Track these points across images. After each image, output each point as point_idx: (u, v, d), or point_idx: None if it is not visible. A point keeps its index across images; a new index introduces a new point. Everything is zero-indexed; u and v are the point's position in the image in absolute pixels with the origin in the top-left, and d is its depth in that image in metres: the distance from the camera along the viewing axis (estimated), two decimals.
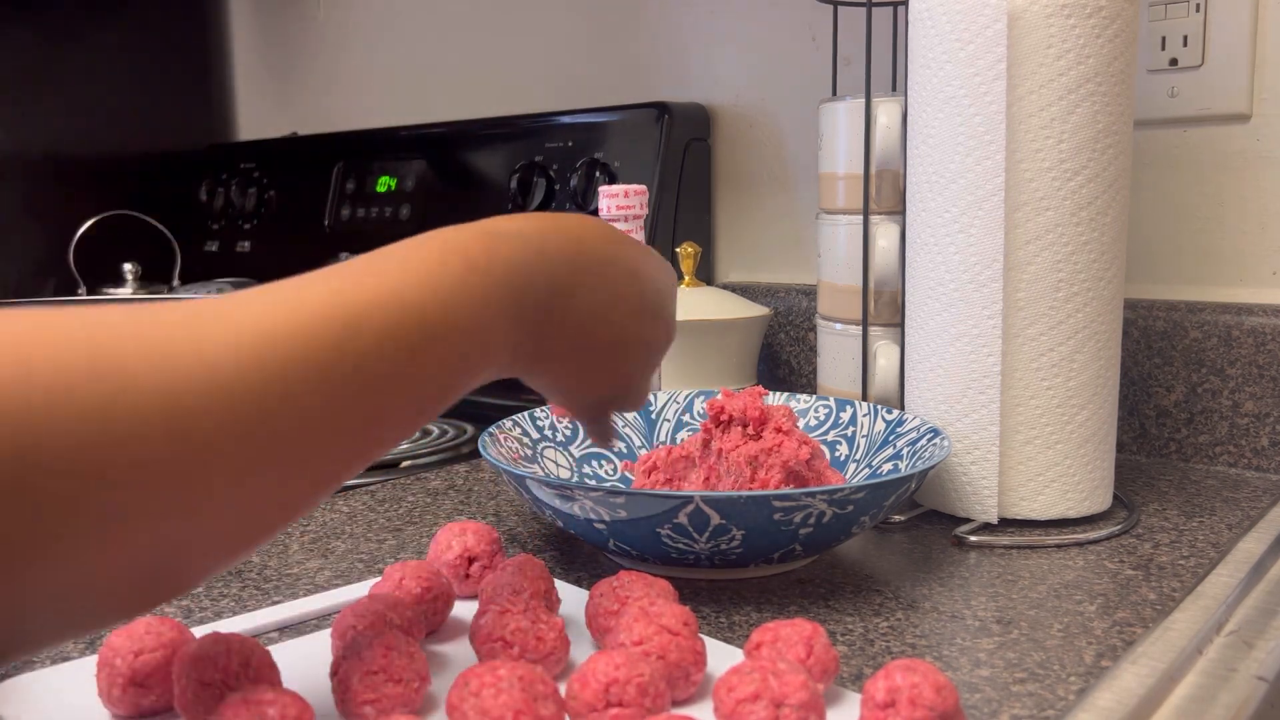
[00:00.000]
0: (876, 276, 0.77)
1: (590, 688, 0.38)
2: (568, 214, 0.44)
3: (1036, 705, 0.42)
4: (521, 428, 0.68)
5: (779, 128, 1.06)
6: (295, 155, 1.47)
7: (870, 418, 0.69)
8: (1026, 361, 0.63)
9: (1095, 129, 0.62)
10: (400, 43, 1.43)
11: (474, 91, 1.34)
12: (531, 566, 0.49)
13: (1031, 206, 0.62)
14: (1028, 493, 0.65)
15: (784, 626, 0.42)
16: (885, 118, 0.75)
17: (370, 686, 0.39)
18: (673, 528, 0.51)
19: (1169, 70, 0.81)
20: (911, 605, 0.53)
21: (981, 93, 0.61)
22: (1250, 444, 0.77)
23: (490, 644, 0.43)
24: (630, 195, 0.73)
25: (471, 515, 0.70)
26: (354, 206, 1.33)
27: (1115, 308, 0.65)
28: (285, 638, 0.50)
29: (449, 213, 1.22)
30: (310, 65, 1.58)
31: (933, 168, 0.65)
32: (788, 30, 1.03)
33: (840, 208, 0.81)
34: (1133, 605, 0.53)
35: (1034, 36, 0.61)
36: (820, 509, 0.51)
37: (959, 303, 0.64)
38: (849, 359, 0.80)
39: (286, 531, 0.66)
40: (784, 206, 1.06)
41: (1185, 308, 0.80)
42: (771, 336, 1.04)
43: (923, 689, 0.37)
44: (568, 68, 1.23)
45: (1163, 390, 0.81)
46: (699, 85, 1.11)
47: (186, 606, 0.54)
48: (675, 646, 0.41)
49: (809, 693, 0.37)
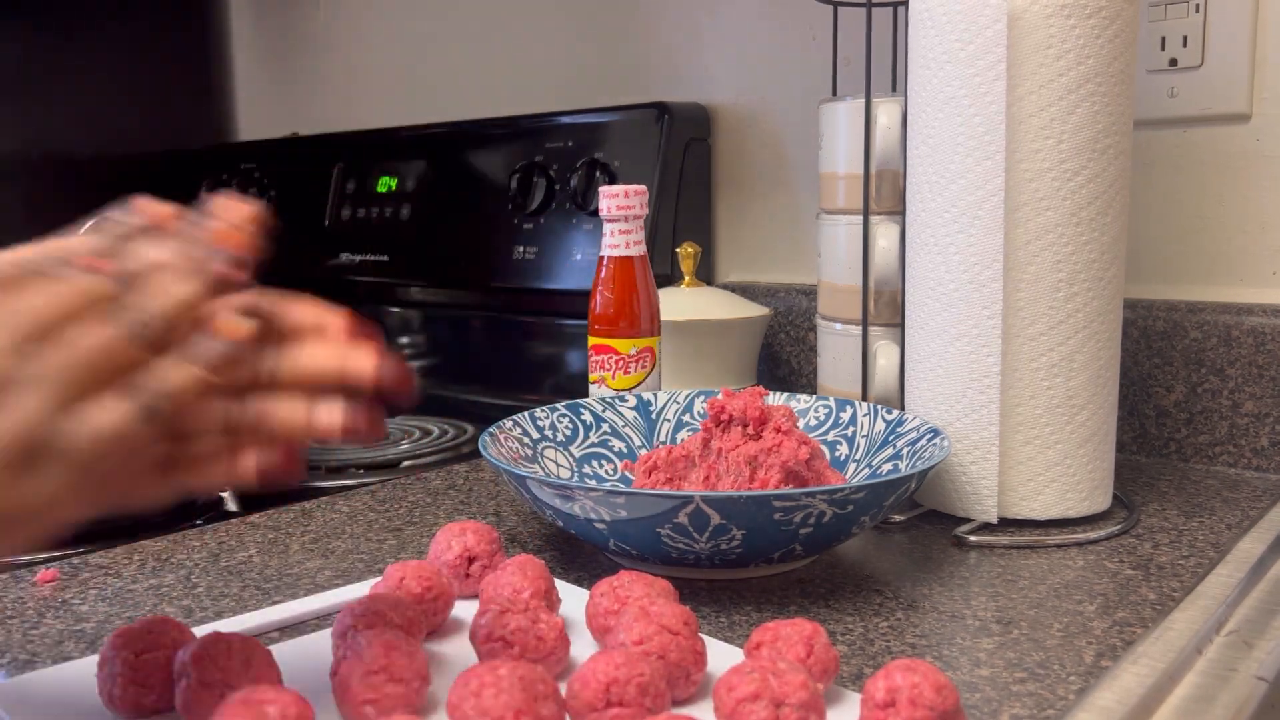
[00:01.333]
0: (876, 276, 0.77)
1: (590, 687, 0.38)
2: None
3: (1036, 705, 0.43)
4: (521, 428, 0.68)
5: (779, 128, 1.06)
6: (295, 155, 1.47)
7: (870, 418, 0.69)
8: (1026, 361, 0.64)
9: (1095, 129, 0.62)
10: (400, 43, 1.43)
11: (474, 91, 1.34)
12: (531, 566, 0.49)
13: (1031, 207, 0.62)
14: (1028, 493, 0.65)
15: (784, 626, 0.42)
16: (885, 118, 0.75)
17: (370, 686, 0.39)
18: (673, 528, 0.51)
19: (1169, 70, 0.81)
20: (911, 605, 0.53)
21: (981, 93, 0.61)
22: (1250, 444, 0.77)
23: (490, 644, 0.43)
24: (630, 195, 0.73)
25: (471, 515, 0.70)
26: (354, 206, 1.33)
27: (1115, 308, 0.65)
28: (285, 638, 0.50)
29: (449, 213, 1.22)
30: (310, 65, 1.58)
31: (933, 168, 0.65)
32: (788, 30, 1.03)
33: (840, 208, 0.81)
34: (1133, 605, 0.53)
35: (1034, 37, 0.61)
36: (820, 509, 0.51)
37: (959, 303, 0.64)
38: (849, 359, 0.80)
39: (287, 532, 0.66)
40: (784, 206, 1.06)
41: (1185, 308, 0.80)
42: (771, 336, 1.04)
43: (923, 689, 0.37)
44: (568, 68, 1.23)
45: (1163, 390, 0.81)
46: (699, 85, 1.11)
47: (187, 606, 0.54)
48: (675, 646, 0.41)
49: (809, 692, 0.37)
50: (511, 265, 1.12)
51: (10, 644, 0.50)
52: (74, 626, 0.52)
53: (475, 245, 1.17)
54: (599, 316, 0.75)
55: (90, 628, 0.52)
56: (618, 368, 0.74)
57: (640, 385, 0.75)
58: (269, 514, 0.70)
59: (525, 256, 1.12)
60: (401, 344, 1.32)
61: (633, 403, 0.73)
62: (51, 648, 0.49)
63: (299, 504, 0.72)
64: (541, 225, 1.11)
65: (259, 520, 0.69)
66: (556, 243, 1.10)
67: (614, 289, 0.74)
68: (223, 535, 0.66)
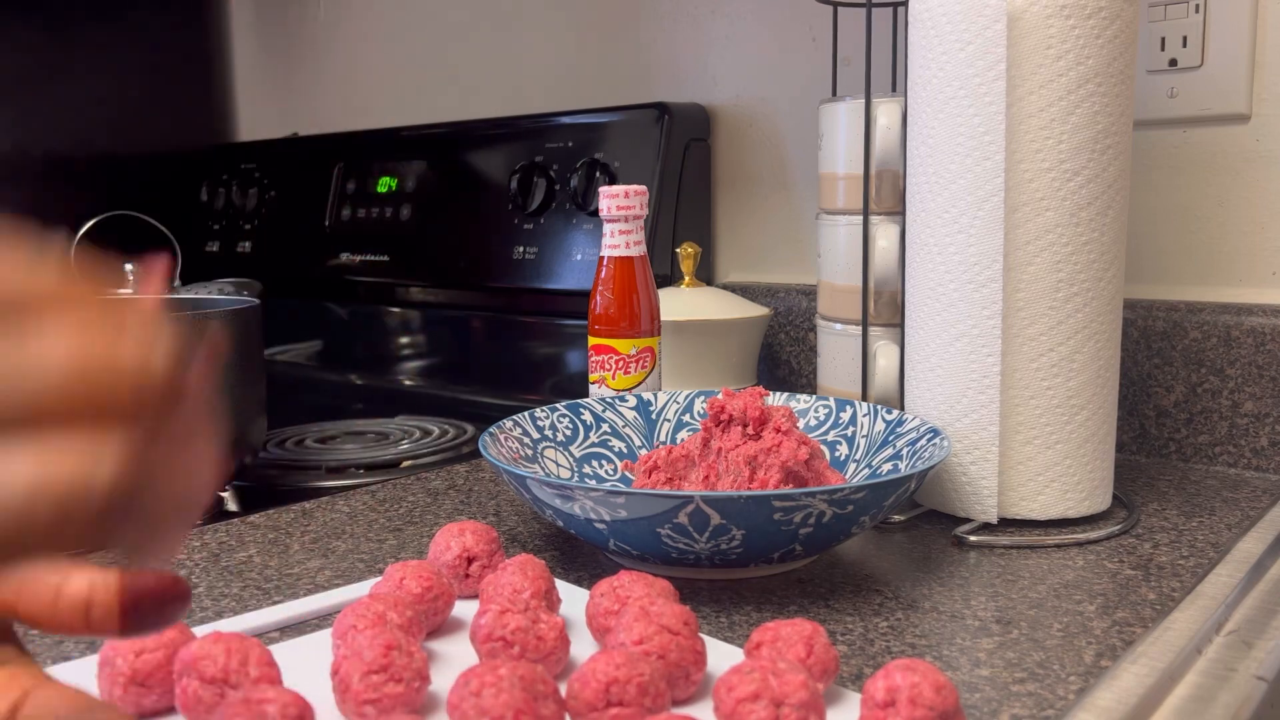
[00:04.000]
0: (876, 276, 0.77)
1: (590, 687, 0.38)
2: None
3: (1036, 705, 0.43)
4: (521, 428, 0.68)
5: (779, 128, 1.06)
6: (295, 155, 1.47)
7: (870, 418, 0.69)
8: (1026, 361, 0.64)
9: (1095, 129, 0.62)
10: (400, 43, 1.43)
11: (474, 91, 1.34)
12: (531, 566, 0.49)
13: (1031, 207, 0.62)
14: (1027, 493, 0.65)
15: (784, 626, 0.42)
16: (885, 118, 0.75)
17: (371, 686, 0.39)
18: (673, 528, 0.51)
19: (1169, 70, 0.81)
20: (911, 605, 0.53)
21: (981, 93, 0.61)
22: (1250, 444, 0.77)
23: (490, 644, 0.43)
24: (630, 195, 0.73)
25: (472, 515, 0.70)
26: (354, 207, 1.33)
27: (1115, 308, 0.65)
28: (285, 638, 0.50)
29: (449, 213, 1.22)
30: (310, 65, 1.58)
31: (933, 168, 0.65)
32: (788, 30, 1.03)
33: (840, 208, 0.81)
34: (1132, 605, 0.53)
35: (1034, 37, 0.61)
36: (820, 509, 0.51)
37: (959, 303, 0.64)
38: (849, 359, 0.80)
39: (287, 532, 0.66)
40: (784, 206, 1.06)
41: (1185, 308, 0.80)
42: (771, 336, 1.04)
43: (923, 689, 0.37)
44: (568, 68, 1.23)
45: (1162, 390, 0.81)
46: (699, 85, 1.11)
47: None
48: (675, 646, 0.41)
49: (809, 692, 0.37)
50: (511, 265, 1.12)
51: None
52: None
53: (475, 245, 1.17)
54: (599, 317, 0.75)
55: None
56: (618, 368, 0.74)
57: (640, 385, 0.75)
58: (269, 514, 0.70)
59: (525, 256, 1.12)
60: (401, 344, 1.32)
61: (633, 403, 0.73)
62: (51, 648, 0.49)
63: (299, 504, 0.72)
64: (541, 225, 1.11)
65: (259, 520, 0.69)
66: (556, 243, 1.10)
67: (614, 289, 0.74)
68: (223, 535, 0.66)
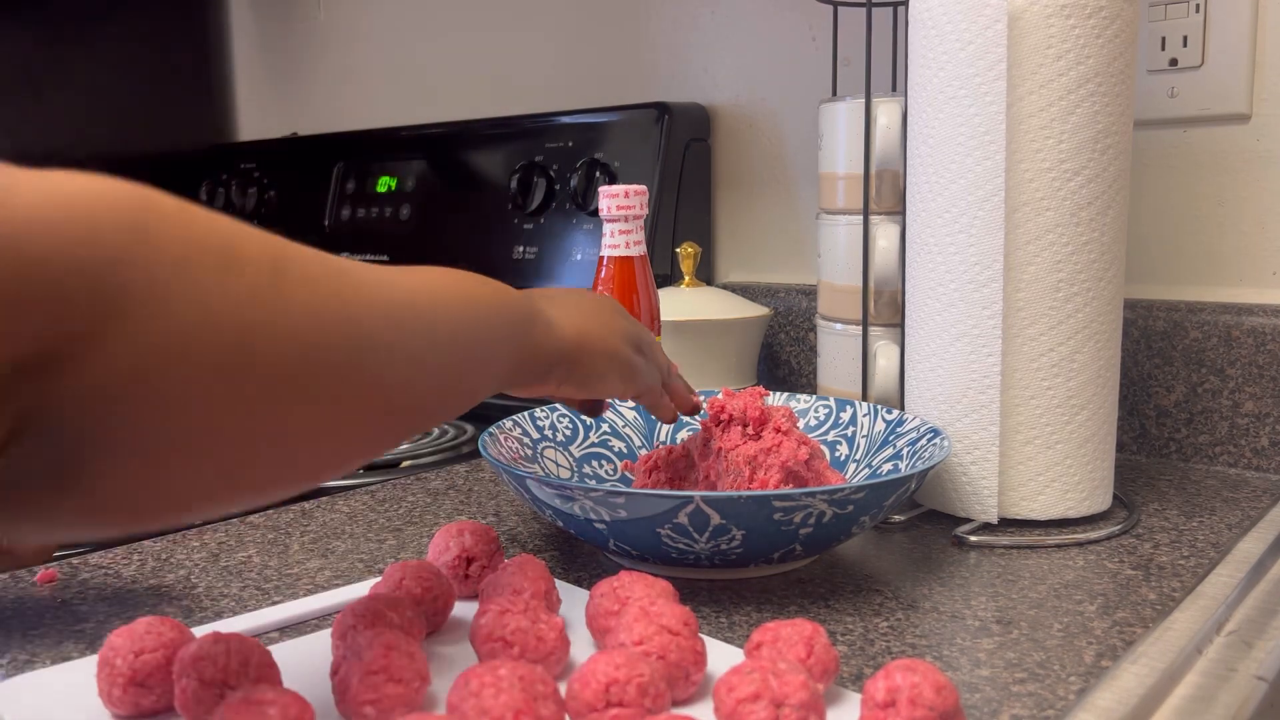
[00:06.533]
0: (876, 276, 0.77)
1: (590, 688, 0.38)
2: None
3: (1036, 705, 0.43)
4: (521, 428, 0.68)
5: (779, 128, 1.06)
6: (295, 155, 1.47)
7: (870, 418, 0.69)
8: (1026, 361, 0.64)
9: (1095, 129, 0.62)
10: (400, 43, 1.43)
11: (474, 91, 1.34)
12: (531, 566, 0.49)
13: (1031, 206, 0.62)
14: (1028, 493, 0.65)
15: (784, 626, 0.42)
16: (885, 118, 0.75)
17: (370, 686, 0.39)
18: (673, 528, 0.51)
19: (1169, 70, 0.81)
20: (911, 605, 0.53)
21: (981, 93, 0.61)
22: (1250, 444, 0.77)
23: (490, 644, 0.43)
24: (630, 195, 0.73)
25: (471, 515, 0.70)
26: (354, 206, 1.33)
27: (1115, 308, 0.65)
28: (285, 638, 0.50)
29: (449, 213, 1.22)
30: (310, 65, 1.58)
31: (933, 168, 0.65)
32: (788, 30, 1.03)
33: (840, 208, 0.81)
34: (1133, 605, 0.53)
35: (1034, 37, 0.61)
36: (820, 509, 0.51)
37: (959, 303, 0.64)
38: (849, 359, 0.80)
39: (286, 532, 0.66)
40: (784, 206, 1.06)
41: (1185, 308, 0.80)
42: (771, 336, 1.04)
43: (923, 689, 0.37)
44: (568, 68, 1.23)
45: (1163, 390, 0.81)
46: (699, 85, 1.11)
47: (186, 606, 0.54)
48: (675, 646, 0.41)
49: (809, 693, 0.37)
50: (511, 265, 1.12)
51: (10, 644, 0.50)
52: (74, 627, 0.52)
53: (475, 245, 1.17)
54: None
55: (90, 628, 0.52)
56: None
57: None
58: (269, 514, 0.70)
59: (525, 256, 1.12)
60: None
61: (633, 403, 0.73)
62: (51, 648, 0.49)
63: (299, 504, 0.72)
64: (541, 225, 1.11)
65: (259, 520, 0.69)
66: (556, 243, 1.10)
67: (614, 289, 0.74)
68: (223, 535, 0.66)
